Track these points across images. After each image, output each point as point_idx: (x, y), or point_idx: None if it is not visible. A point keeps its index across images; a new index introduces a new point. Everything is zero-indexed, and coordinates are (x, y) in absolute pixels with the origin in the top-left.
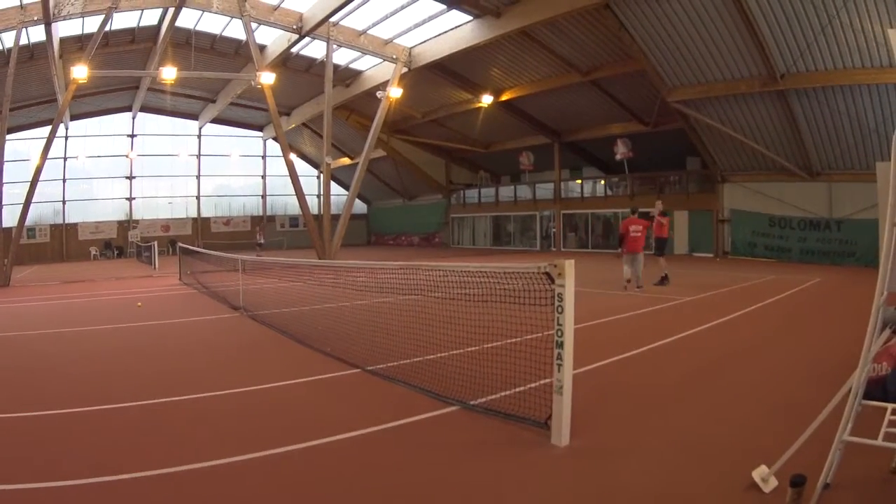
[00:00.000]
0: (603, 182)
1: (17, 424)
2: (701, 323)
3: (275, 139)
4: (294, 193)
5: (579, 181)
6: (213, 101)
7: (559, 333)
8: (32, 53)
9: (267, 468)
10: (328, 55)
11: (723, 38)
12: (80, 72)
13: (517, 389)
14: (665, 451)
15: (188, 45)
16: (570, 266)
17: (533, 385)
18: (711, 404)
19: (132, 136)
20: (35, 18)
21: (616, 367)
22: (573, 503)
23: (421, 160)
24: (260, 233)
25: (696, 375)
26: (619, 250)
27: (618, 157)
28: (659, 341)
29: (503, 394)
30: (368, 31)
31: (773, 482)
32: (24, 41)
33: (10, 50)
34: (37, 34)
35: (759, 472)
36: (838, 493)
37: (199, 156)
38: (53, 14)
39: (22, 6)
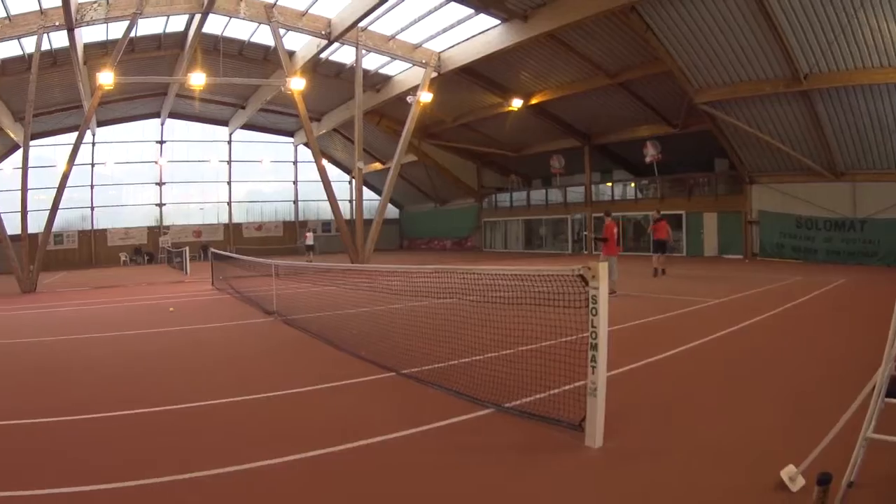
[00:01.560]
0: (633, 185)
1: (50, 428)
2: (729, 325)
3: (306, 145)
4: (326, 198)
5: (609, 184)
6: (243, 107)
7: (593, 336)
8: (55, 59)
9: (303, 471)
10: (357, 60)
11: (746, 39)
12: (106, 78)
13: (552, 392)
14: (696, 451)
15: (216, 51)
16: (603, 268)
17: (567, 387)
18: (740, 405)
19: (161, 142)
20: (56, 24)
21: (647, 369)
22: None
23: (452, 164)
24: (307, 235)
25: (726, 377)
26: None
27: (647, 159)
28: (689, 343)
29: (538, 396)
30: (397, 36)
31: (801, 481)
32: (46, 47)
33: (31, 55)
34: (59, 40)
35: (787, 472)
36: (863, 491)
37: (229, 161)
38: (76, 20)
39: (42, 11)
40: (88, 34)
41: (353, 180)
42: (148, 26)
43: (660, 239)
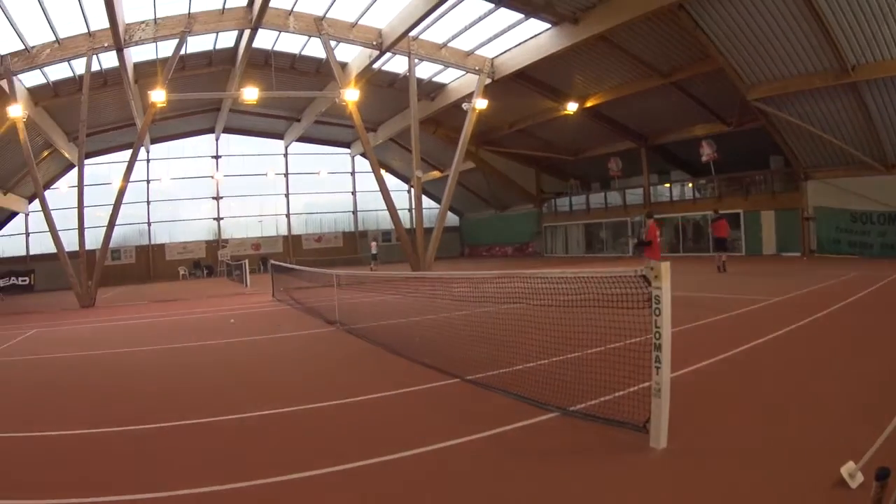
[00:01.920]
0: (690, 185)
1: (115, 439)
2: (789, 323)
3: (363, 155)
4: (385, 208)
5: (668, 185)
6: (298, 120)
7: (657, 336)
8: (106, 80)
9: (369, 478)
10: (410, 69)
11: (794, 32)
12: (158, 95)
13: (617, 394)
14: (758, 450)
15: (268, 65)
16: (666, 269)
17: (632, 389)
18: (801, 403)
19: (217, 156)
20: (105, 45)
21: (710, 369)
22: None
23: (511, 170)
24: (372, 244)
25: (786, 375)
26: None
27: (704, 158)
28: (750, 342)
29: (603, 399)
30: (449, 44)
31: (860, 477)
32: (95, 67)
33: (82, 77)
34: (109, 60)
35: (847, 468)
36: None
37: (286, 174)
38: (124, 40)
39: (90, 33)
40: (138, 53)
41: (412, 189)
42: (198, 43)
43: (720, 237)
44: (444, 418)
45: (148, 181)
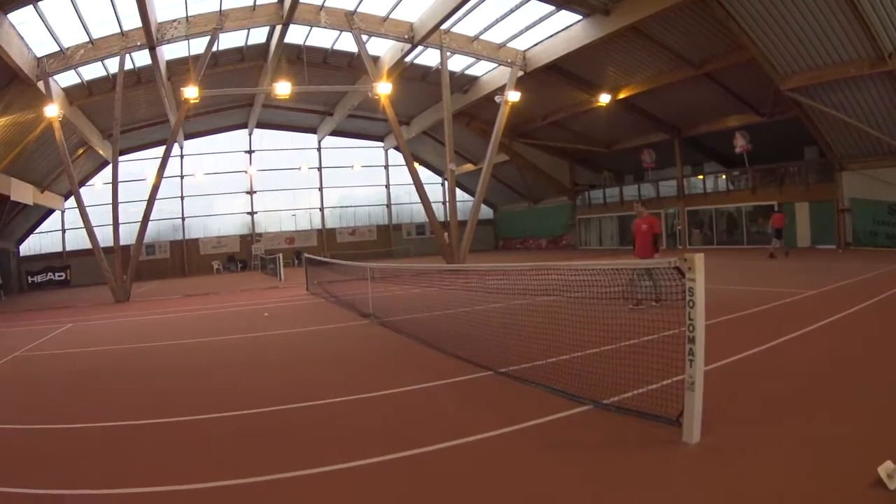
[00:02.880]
0: (724, 176)
1: (150, 431)
2: (826, 316)
3: (396, 149)
4: (419, 201)
5: (701, 176)
6: (331, 114)
7: (691, 328)
8: (139, 77)
9: (405, 469)
10: (443, 62)
11: (827, 20)
12: (192, 92)
13: (650, 387)
14: (792, 447)
15: (300, 60)
16: (699, 260)
17: (665, 382)
18: (836, 400)
19: (250, 151)
20: (138, 44)
21: (744, 362)
22: (705, 500)
23: (544, 163)
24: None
25: (820, 371)
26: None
27: (737, 150)
28: (785, 336)
29: (636, 391)
30: (481, 37)
31: None
32: (129, 66)
33: (115, 75)
34: (142, 58)
35: (885, 468)
36: None
37: (320, 168)
38: (157, 38)
39: (123, 33)
40: (170, 51)
41: (446, 182)
42: (229, 39)
43: (777, 227)
44: (477, 411)
45: (182, 177)
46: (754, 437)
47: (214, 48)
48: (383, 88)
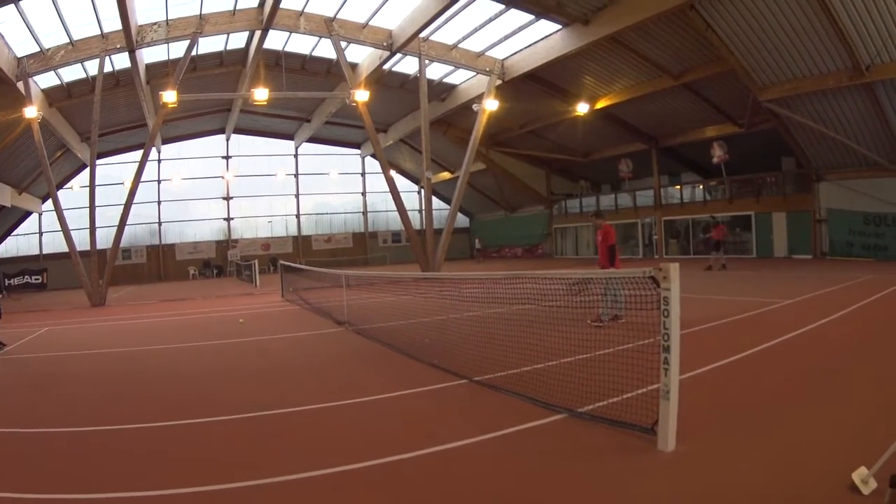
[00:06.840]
0: (701, 187)
1: (124, 436)
2: (801, 326)
3: (373, 156)
4: (395, 209)
5: (678, 187)
6: (308, 121)
7: (665, 337)
8: (118, 80)
9: (377, 478)
10: (421, 70)
11: (806, 32)
12: (170, 96)
13: (625, 396)
14: (767, 454)
15: (278, 66)
16: (675, 270)
17: (641, 391)
18: (811, 408)
19: (227, 157)
20: (118, 46)
21: (719, 371)
22: None
23: (521, 172)
24: (478, 240)
25: (796, 379)
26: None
27: (714, 160)
28: (759, 346)
29: (611, 400)
30: (459, 45)
31: (873, 483)
32: (108, 68)
33: (94, 77)
34: (122, 61)
35: (859, 474)
36: None
37: (296, 175)
38: (137, 41)
39: (103, 35)
40: (150, 54)
41: (422, 190)
42: (209, 44)
43: (717, 239)
44: (452, 419)
45: (159, 181)
46: (729, 444)
47: (194, 52)
48: (361, 96)
